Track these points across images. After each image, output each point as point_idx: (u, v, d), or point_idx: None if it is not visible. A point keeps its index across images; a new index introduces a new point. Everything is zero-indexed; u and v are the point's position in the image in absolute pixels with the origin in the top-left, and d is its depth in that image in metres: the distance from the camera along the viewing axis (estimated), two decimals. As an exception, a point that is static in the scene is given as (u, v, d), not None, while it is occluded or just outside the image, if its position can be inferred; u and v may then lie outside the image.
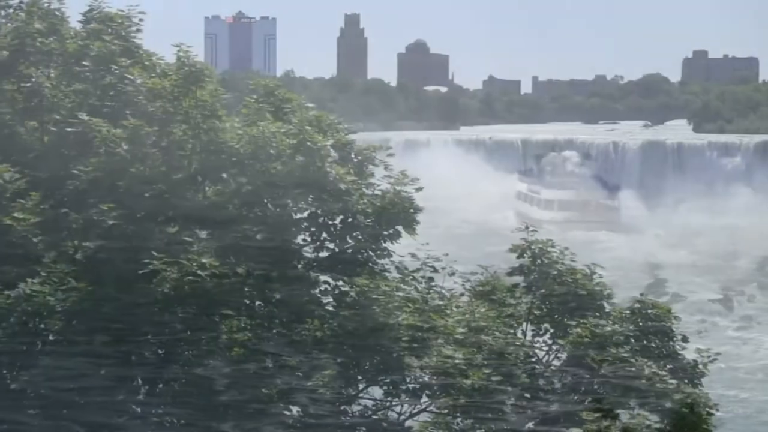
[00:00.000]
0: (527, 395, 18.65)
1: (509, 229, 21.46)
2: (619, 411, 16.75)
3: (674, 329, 20.27)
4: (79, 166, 16.99)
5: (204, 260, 15.47)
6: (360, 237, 18.11)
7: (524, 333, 20.17)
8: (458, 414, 18.15)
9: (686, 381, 19.44)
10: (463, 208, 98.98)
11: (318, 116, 18.74)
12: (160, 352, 17.48)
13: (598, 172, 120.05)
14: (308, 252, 18.06)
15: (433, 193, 21.77)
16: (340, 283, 18.02)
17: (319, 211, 17.84)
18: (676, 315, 20.65)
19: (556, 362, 19.83)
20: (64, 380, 15.69)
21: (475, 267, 21.15)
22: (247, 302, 17.32)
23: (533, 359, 19.50)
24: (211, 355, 17.47)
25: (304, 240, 17.98)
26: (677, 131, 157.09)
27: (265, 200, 17.35)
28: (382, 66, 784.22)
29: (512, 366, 17.92)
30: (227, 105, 20.24)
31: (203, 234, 16.40)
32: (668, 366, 19.80)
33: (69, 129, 17.61)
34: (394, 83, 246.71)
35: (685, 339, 20.38)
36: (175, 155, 17.44)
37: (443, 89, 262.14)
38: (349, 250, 18.14)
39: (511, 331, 19.57)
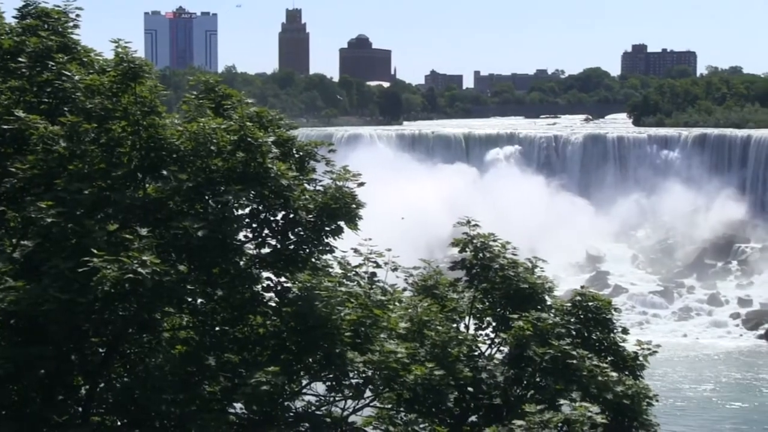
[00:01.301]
0: (470, 389, 18.76)
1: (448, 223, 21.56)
2: (561, 403, 16.86)
3: (615, 321, 20.47)
4: (16, 163, 16.77)
5: (145, 258, 15.30)
6: (302, 233, 18.04)
7: (467, 327, 20.29)
8: (402, 408, 18.21)
9: (627, 373, 19.68)
10: (406, 203, 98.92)
11: (259, 112, 18.65)
12: (101, 350, 17.32)
13: (540, 166, 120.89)
14: (250, 248, 17.97)
15: (374, 188, 21.71)
16: (283, 279, 17.97)
17: (260, 207, 17.73)
18: (617, 307, 20.85)
19: (498, 355, 19.96)
20: (2, 381, 15.47)
21: (418, 262, 21.24)
22: (189, 300, 17.19)
23: (476, 353, 19.61)
24: (152, 354, 17.36)
25: (245, 236, 17.88)
26: (617, 124, 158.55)
27: (206, 196, 17.21)
28: (325, 61, 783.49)
29: (455, 360, 17.99)
30: (168, 101, 20.08)
31: (144, 231, 16.23)
32: (609, 358, 20.04)
33: (5, 126, 17.36)
34: (336, 78, 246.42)
35: (625, 331, 20.63)
36: (114, 152, 17.26)
37: (386, 84, 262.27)
38: (291, 246, 18.07)
39: (454, 325, 19.67)
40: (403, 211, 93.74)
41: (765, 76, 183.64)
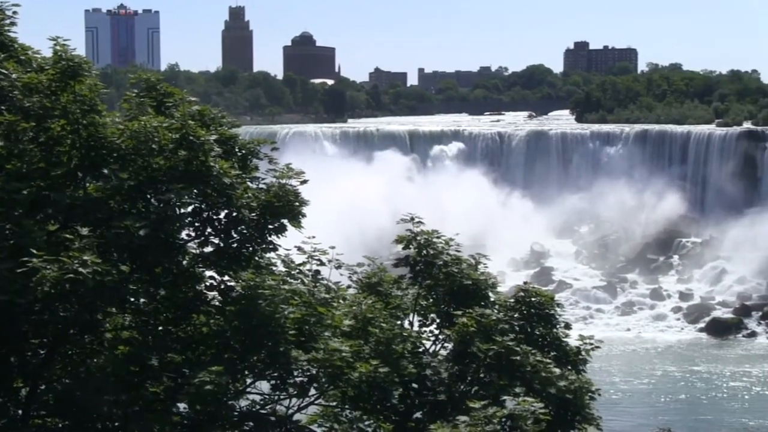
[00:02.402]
0: (415, 385, 18.81)
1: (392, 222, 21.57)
2: (504, 398, 16.95)
3: (558, 317, 20.61)
4: (-47, 163, 16.53)
5: (85, 257, 15.15)
6: (245, 231, 18.00)
7: (411, 324, 20.32)
8: (346, 406, 18.23)
9: (569, 368, 19.83)
10: (350, 200, 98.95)
11: (201, 110, 18.57)
12: (41, 352, 17.13)
13: (484, 163, 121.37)
14: (193, 247, 17.89)
15: (318, 186, 21.71)
16: (226, 278, 17.92)
17: (203, 206, 17.66)
18: (559, 302, 21.00)
19: (442, 352, 20.02)
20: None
21: (362, 259, 21.25)
22: (131, 299, 17.06)
23: (420, 349, 19.65)
24: (94, 354, 17.20)
25: (188, 235, 17.79)
26: (561, 121, 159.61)
27: (148, 195, 17.10)
28: (268, 59, 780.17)
29: (399, 357, 18.02)
30: (109, 99, 19.90)
31: (84, 231, 16.06)
32: (552, 353, 20.18)
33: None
34: (280, 76, 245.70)
35: (567, 326, 20.76)
36: (53, 151, 17.07)
37: (330, 82, 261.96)
38: (235, 245, 18.03)
39: (398, 322, 19.70)
40: (346, 208, 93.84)
41: (704, 72, 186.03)
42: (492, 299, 20.55)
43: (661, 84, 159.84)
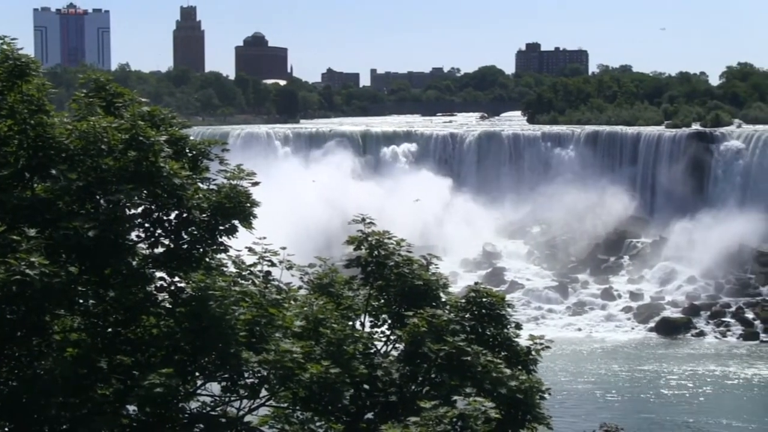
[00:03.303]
0: (366, 386, 18.82)
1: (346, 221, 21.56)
2: (455, 398, 17.02)
3: (508, 317, 20.70)
4: None
5: (33, 259, 15.01)
6: (196, 232, 17.93)
7: (362, 324, 20.33)
8: (298, 407, 18.19)
9: (520, 368, 19.94)
10: (301, 201, 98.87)
11: (151, 111, 18.47)
12: (-12, 354, 16.94)
13: (437, 163, 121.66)
14: (143, 248, 17.78)
15: (270, 187, 21.67)
16: (176, 279, 17.82)
17: (153, 207, 17.57)
18: (510, 303, 21.09)
19: (394, 352, 20.05)
20: None
21: (314, 260, 21.22)
22: (80, 301, 16.91)
23: (372, 350, 19.67)
24: (42, 357, 17.02)
25: (138, 236, 17.68)
26: (513, 122, 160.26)
27: (97, 196, 16.98)
28: (220, 59, 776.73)
29: (351, 357, 18.02)
30: (59, 99, 19.73)
31: (32, 232, 15.92)
32: (503, 353, 20.28)
33: None
34: (232, 76, 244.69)
35: (518, 326, 20.86)
36: (0, 151, 16.88)
37: (282, 82, 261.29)
38: (185, 246, 17.94)
39: (350, 323, 19.70)
40: (298, 209, 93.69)
41: (653, 74, 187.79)
42: (443, 300, 20.61)
43: (612, 85, 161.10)
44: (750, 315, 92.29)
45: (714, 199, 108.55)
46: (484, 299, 20.50)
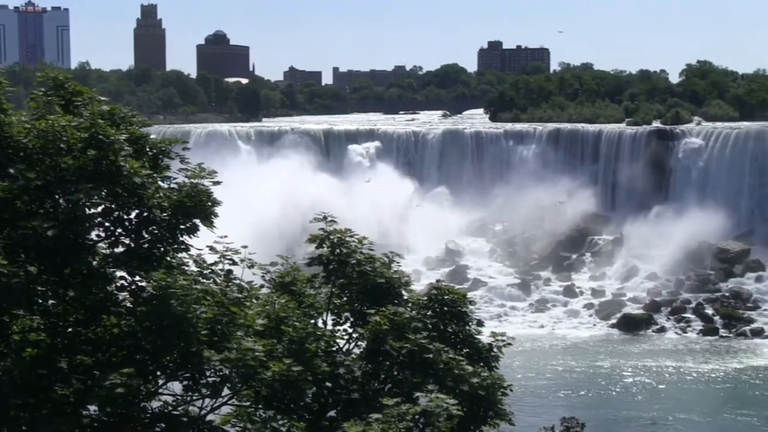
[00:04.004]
0: (328, 384, 18.83)
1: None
2: (417, 395, 17.06)
3: (470, 314, 20.79)
4: None
5: (-8, 259, 14.90)
6: (156, 231, 17.87)
7: (324, 322, 20.34)
8: (260, 405, 18.17)
9: (482, 365, 20.03)
10: (263, 200, 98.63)
11: (111, 109, 18.37)
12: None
13: (400, 161, 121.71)
14: (103, 247, 17.68)
15: (232, 186, 21.62)
16: (137, 278, 17.74)
17: (113, 206, 17.47)
18: (472, 300, 21.18)
19: (356, 350, 20.07)
20: None
21: (276, 259, 21.20)
22: (40, 301, 16.80)
23: (334, 348, 19.68)
24: (1, 357, 16.89)
25: (98, 235, 17.58)
26: (475, 120, 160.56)
27: (56, 195, 16.88)
28: (182, 58, 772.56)
29: (313, 355, 18.02)
30: (17, 98, 19.57)
31: (-9, 232, 15.80)
32: (465, 350, 20.37)
33: None
34: (194, 75, 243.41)
35: (480, 323, 20.95)
36: (-43, 151, 16.75)
37: (244, 81, 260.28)
38: (146, 245, 17.87)
39: (312, 321, 19.69)
40: (260, 208, 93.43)
41: (614, 72, 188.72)
42: (405, 297, 20.66)
43: (573, 83, 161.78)
44: (709, 311, 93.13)
45: (674, 197, 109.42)
46: (445, 297, 20.58)
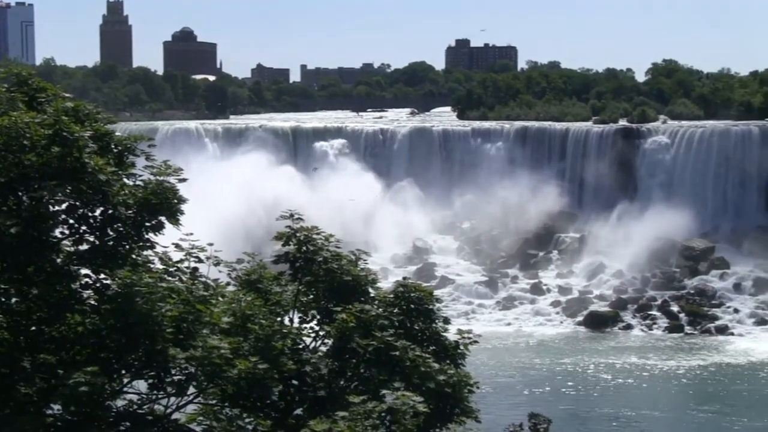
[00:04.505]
0: (295, 382, 18.79)
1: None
2: (384, 392, 17.07)
3: (437, 312, 20.81)
4: None
5: (-46, 257, 14.76)
6: (121, 229, 17.77)
7: (291, 320, 20.31)
8: (226, 403, 18.10)
9: (448, 362, 20.05)
10: (231, 197, 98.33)
11: (75, 106, 18.23)
12: None
13: (367, 159, 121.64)
14: (67, 245, 17.57)
15: (200, 183, 21.52)
16: (102, 276, 17.64)
17: (77, 203, 17.35)
18: (438, 297, 21.20)
19: (323, 348, 20.05)
20: None
21: (243, 256, 21.13)
22: (3, 299, 16.66)
23: (300, 346, 19.64)
24: (-37, 357, 16.76)
25: (62, 233, 17.46)
26: (443, 118, 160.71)
27: (20, 192, 16.74)
28: (148, 54, 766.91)
29: (279, 353, 17.97)
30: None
31: (-47, 229, 15.65)
32: (431, 348, 20.38)
33: None
34: (161, 72, 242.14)
35: (446, 321, 20.97)
36: None
37: (211, 78, 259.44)
38: (111, 242, 17.76)
39: (278, 318, 19.65)
40: (227, 206, 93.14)
41: (581, 71, 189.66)
42: (372, 295, 20.66)
43: (541, 82, 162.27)
44: (675, 308, 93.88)
45: (640, 194, 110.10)
46: (412, 294, 20.59)
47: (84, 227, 17.65)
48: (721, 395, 70.75)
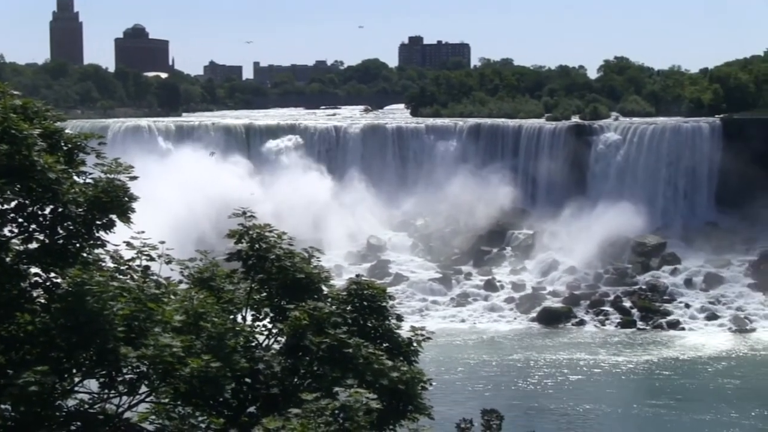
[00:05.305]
0: (247, 380, 18.75)
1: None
2: (337, 390, 17.07)
3: (390, 309, 20.85)
4: None
5: None
6: (71, 227, 17.63)
7: (244, 318, 20.26)
8: (178, 402, 18.02)
9: (402, 359, 20.10)
10: (183, 195, 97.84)
11: (24, 103, 18.06)
12: None
13: (321, 156, 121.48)
14: (16, 244, 17.40)
15: (151, 181, 21.40)
16: (52, 275, 17.50)
17: (27, 202, 17.20)
18: (391, 294, 21.25)
19: (276, 346, 20.03)
20: None
21: (195, 254, 21.05)
22: (-51, 299, 16.48)
23: (253, 344, 19.61)
24: None
25: (11, 231, 17.30)
26: (396, 115, 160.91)
27: (-33, 192, 16.54)
28: (100, 51, 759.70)
29: (232, 351, 17.92)
30: None
31: None
32: (384, 345, 20.42)
33: None
34: (112, 69, 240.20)
35: (399, 318, 21.02)
36: None
37: (164, 75, 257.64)
38: (61, 241, 17.63)
39: (231, 316, 19.59)
40: (179, 203, 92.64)
41: (534, 68, 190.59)
42: (325, 292, 20.67)
43: (494, 79, 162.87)
44: (627, 303, 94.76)
45: (593, 191, 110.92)
46: (365, 291, 20.61)
47: (33, 226, 17.50)
48: (668, 390, 71.58)
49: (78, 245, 17.75)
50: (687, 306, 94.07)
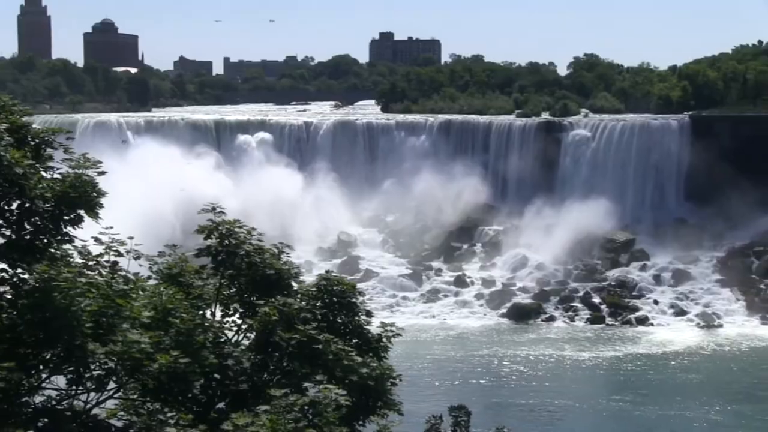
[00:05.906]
0: (217, 375, 18.69)
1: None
2: (306, 386, 17.07)
3: (359, 305, 20.86)
4: None
5: None
6: (39, 222, 17.52)
7: (213, 314, 20.20)
8: (147, 398, 17.94)
9: (371, 355, 20.12)
10: (152, 191, 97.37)
11: (-10, 98, 17.94)
12: None
13: (291, 152, 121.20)
14: (-17, 240, 17.27)
15: (120, 176, 21.27)
16: (19, 270, 17.36)
17: (-7, 197, 17.07)
18: (361, 291, 21.27)
19: (245, 342, 19.98)
20: None
21: (163, 249, 20.97)
22: None
23: (222, 339, 19.55)
24: None
25: (-23, 227, 17.17)
26: (367, 111, 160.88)
27: (-67, 187, 16.40)
28: (68, 46, 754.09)
29: (201, 347, 17.86)
30: None
31: None
32: (354, 341, 20.44)
33: None
34: (81, 64, 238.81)
35: (369, 314, 21.04)
36: None
37: (133, 70, 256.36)
38: (28, 236, 17.51)
39: (200, 312, 19.53)
40: (148, 199, 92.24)
41: (504, 64, 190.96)
42: (294, 288, 20.65)
43: (464, 75, 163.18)
44: (597, 299, 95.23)
45: (562, 188, 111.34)
46: (335, 287, 20.63)
47: (0, 221, 17.36)
48: (634, 384, 72.05)
49: (45, 241, 17.64)
50: (655, 302, 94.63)
